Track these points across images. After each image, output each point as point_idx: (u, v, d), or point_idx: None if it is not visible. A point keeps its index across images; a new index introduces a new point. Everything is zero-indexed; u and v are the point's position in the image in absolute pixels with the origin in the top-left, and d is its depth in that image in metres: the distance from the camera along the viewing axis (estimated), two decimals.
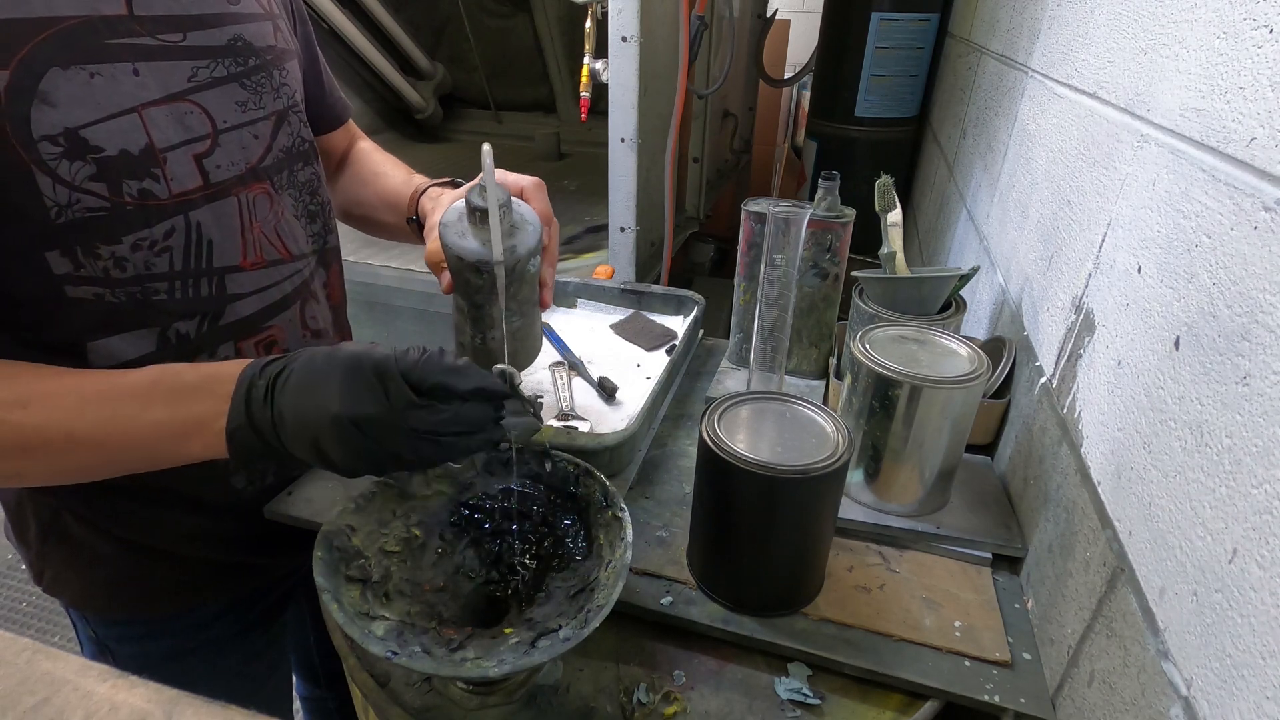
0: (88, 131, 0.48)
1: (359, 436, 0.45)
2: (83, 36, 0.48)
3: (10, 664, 0.30)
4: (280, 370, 0.48)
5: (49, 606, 1.78)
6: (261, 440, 0.47)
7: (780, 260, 0.67)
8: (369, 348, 0.47)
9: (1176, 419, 0.41)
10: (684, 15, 1.42)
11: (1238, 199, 0.39)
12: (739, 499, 0.53)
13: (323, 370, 0.46)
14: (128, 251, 0.52)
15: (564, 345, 0.88)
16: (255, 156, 0.59)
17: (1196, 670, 0.36)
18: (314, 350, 0.48)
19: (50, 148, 0.47)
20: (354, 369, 0.45)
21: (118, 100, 0.50)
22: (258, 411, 0.47)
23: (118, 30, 0.50)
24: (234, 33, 0.57)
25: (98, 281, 0.52)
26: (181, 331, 0.57)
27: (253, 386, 0.48)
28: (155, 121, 0.52)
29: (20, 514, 0.65)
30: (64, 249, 0.50)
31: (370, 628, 0.45)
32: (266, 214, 0.61)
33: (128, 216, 0.51)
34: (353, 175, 0.83)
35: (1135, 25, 0.59)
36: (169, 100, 0.53)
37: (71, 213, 0.49)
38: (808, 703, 0.51)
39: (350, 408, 0.44)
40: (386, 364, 0.45)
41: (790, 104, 3.26)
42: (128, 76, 0.50)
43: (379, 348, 0.46)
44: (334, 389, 0.45)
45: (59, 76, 0.47)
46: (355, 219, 0.84)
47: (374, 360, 0.45)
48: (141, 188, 0.52)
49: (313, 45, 0.73)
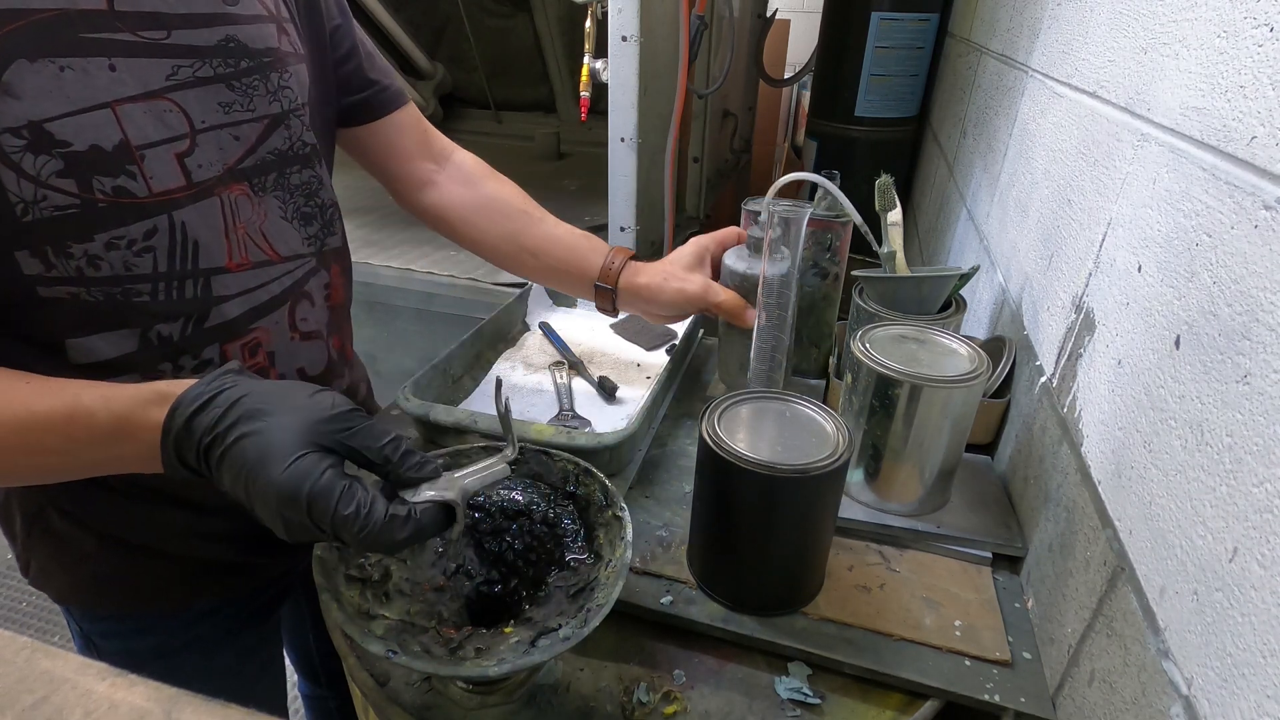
0: (53, 125, 0.47)
1: (307, 535, 0.42)
2: (56, 29, 0.47)
3: (9, 662, 0.30)
4: (210, 443, 0.43)
5: (48, 605, 1.78)
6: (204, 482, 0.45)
7: (781, 259, 0.67)
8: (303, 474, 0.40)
9: (1177, 418, 0.41)
10: (684, 15, 1.42)
11: (1238, 198, 0.39)
12: (739, 498, 0.53)
13: (258, 489, 0.41)
14: (101, 250, 0.51)
15: (564, 345, 0.88)
16: (233, 158, 0.58)
17: (1197, 669, 0.36)
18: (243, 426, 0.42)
19: (12, 140, 0.46)
20: (289, 513, 0.41)
21: (89, 95, 0.49)
22: (193, 466, 0.44)
23: (96, 25, 0.49)
24: (226, 33, 0.56)
25: (71, 281, 0.51)
26: (164, 334, 0.56)
27: (180, 448, 0.44)
28: (131, 118, 0.51)
29: (6, 506, 0.65)
30: (33, 249, 0.49)
31: (370, 627, 0.45)
32: (250, 215, 0.60)
33: (100, 214, 0.50)
34: (506, 226, 0.80)
35: (1135, 24, 0.58)
36: (146, 97, 0.52)
37: (39, 210, 0.48)
38: (808, 702, 0.51)
39: (295, 535, 0.42)
40: (319, 524, 0.41)
41: (790, 104, 3.26)
42: (102, 71, 0.49)
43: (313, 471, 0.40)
44: (270, 518, 0.42)
45: (25, 69, 0.46)
46: (511, 266, 0.82)
47: (309, 514, 0.40)
48: (116, 185, 0.51)
49: (350, 34, 0.71)
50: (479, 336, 0.86)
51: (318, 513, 0.40)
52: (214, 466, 0.43)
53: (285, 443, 0.41)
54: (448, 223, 0.81)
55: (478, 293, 1.50)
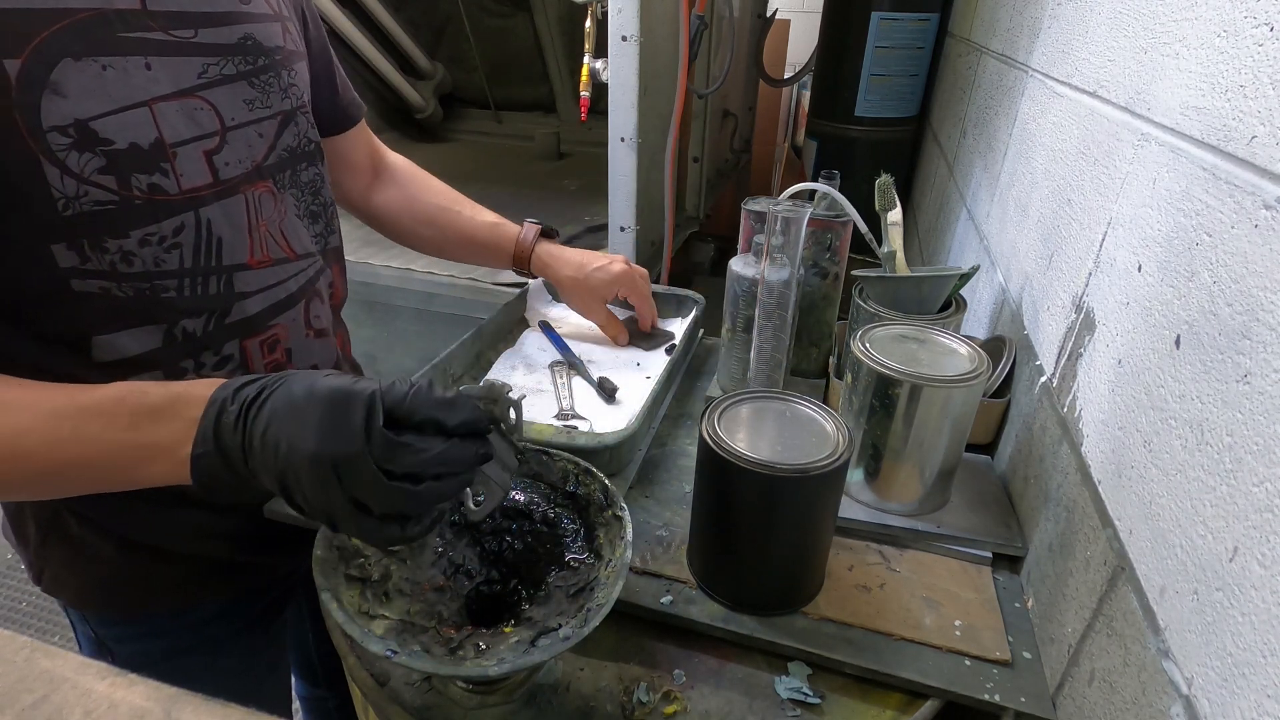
0: (97, 123, 0.48)
1: (331, 479, 0.41)
2: (96, 28, 0.48)
3: (9, 662, 0.30)
4: (255, 396, 0.44)
5: (48, 606, 1.78)
6: (228, 467, 0.44)
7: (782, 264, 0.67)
8: (352, 380, 0.43)
9: (1177, 417, 0.41)
10: (684, 15, 1.42)
11: (1238, 197, 0.39)
12: (739, 498, 0.53)
13: (301, 403, 0.42)
14: (135, 246, 0.52)
15: (564, 345, 0.88)
16: (260, 155, 0.59)
17: (1197, 669, 0.36)
18: (292, 379, 0.44)
19: (60, 138, 0.47)
20: (336, 403, 0.41)
21: (129, 93, 0.50)
22: (227, 438, 0.44)
23: (130, 24, 0.50)
24: (244, 31, 0.58)
25: (104, 275, 0.51)
26: (188, 329, 0.56)
27: (224, 411, 0.44)
28: (166, 116, 0.52)
29: (19, 514, 0.65)
30: (70, 242, 0.49)
31: (370, 627, 0.45)
32: (271, 212, 0.61)
33: (136, 211, 0.51)
34: (412, 205, 0.88)
35: (1135, 24, 0.58)
36: (180, 95, 0.53)
37: (79, 205, 0.49)
38: (808, 702, 0.51)
39: (328, 445, 0.40)
40: (372, 399, 0.41)
41: (790, 104, 3.26)
42: (140, 70, 0.50)
43: (364, 380, 0.43)
44: (312, 424, 0.41)
45: (70, 67, 0.47)
46: (418, 245, 0.91)
47: (358, 394, 0.41)
48: (151, 182, 0.52)
49: (326, 48, 0.74)
50: (479, 336, 0.86)
51: (368, 404, 0.40)
52: (252, 420, 0.43)
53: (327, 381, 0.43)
54: (385, 223, 0.89)
55: (478, 293, 1.49)
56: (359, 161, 0.85)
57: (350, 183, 0.85)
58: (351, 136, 0.82)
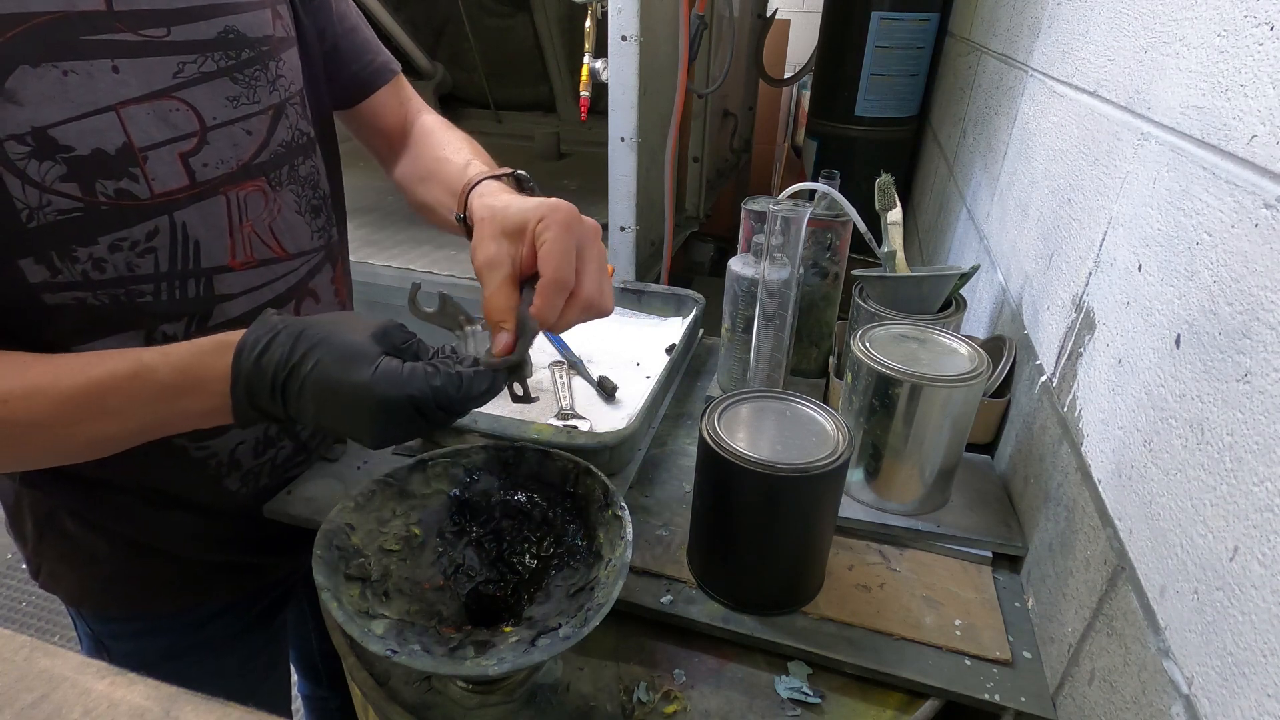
0: (57, 130, 0.47)
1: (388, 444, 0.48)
2: (56, 32, 0.47)
3: (9, 661, 0.30)
4: (285, 362, 0.45)
5: (49, 605, 1.78)
6: (271, 419, 0.48)
7: (781, 258, 0.67)
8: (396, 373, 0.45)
9: (1177, 417, 0.41)
10: (684, 15, 1.42)
11: (1238, 196, 0.39)
12: (739, 498, 0.53)
13: (350, 402, 0.44)
14: (106, 252, 0.51)
15: (564, 345, 0.88)
16: (248, 153, 0.58)
17: (1197, 668, 0.36)
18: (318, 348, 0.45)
19: (17, 147, 0.46)
20: (389, 410, 0.44)
21: (93, 98, 0.48)
22: (267, 406, 0.46)
23: (96, 26, 0.49)
24: (225, 24, 0.56)
25: (77, 286, 0.51)
26: (168, 334, 0.56)
27: (252, 390, 0.46)
28: (135, 120, 0.51)
29: (17, 509, 0.65)
30: (38, 256, 0.48)
31: (370, 626, 0.45)
32: (260, 212, 0.60)
33: (103, 217, 0.50)
34: (415, 162, 0.74)
35: (1135, 23, 0.58)
36: (152, 98, 0.51)
37: (44, 215, 0.48)
38: (808, 701, 0.51)
39: (388, 439, 0.47)
40: (423, 404, 0.45)
41: (790, 103, 3.26)
42: (105, 74, 0.49)
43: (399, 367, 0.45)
44: (365, 425, 0.45)
45: (28, 74, 0.46)
46: (426, 214, 0.74)
47: (411, 400, 0.44)
48: (118, 187, 0.50)
49: (333, 19, 0.68)
50: None
51: (420, 389, 0.44)
52: (293, 398, 0.45)
53: (363, 353, 0.45)
54: (406, 197, 0.76)
55: (478, 292, 1.49)
56: (389, 126, 0.76)
57: (385, 152, 0.77)
58: (378, 101, 0.74)
